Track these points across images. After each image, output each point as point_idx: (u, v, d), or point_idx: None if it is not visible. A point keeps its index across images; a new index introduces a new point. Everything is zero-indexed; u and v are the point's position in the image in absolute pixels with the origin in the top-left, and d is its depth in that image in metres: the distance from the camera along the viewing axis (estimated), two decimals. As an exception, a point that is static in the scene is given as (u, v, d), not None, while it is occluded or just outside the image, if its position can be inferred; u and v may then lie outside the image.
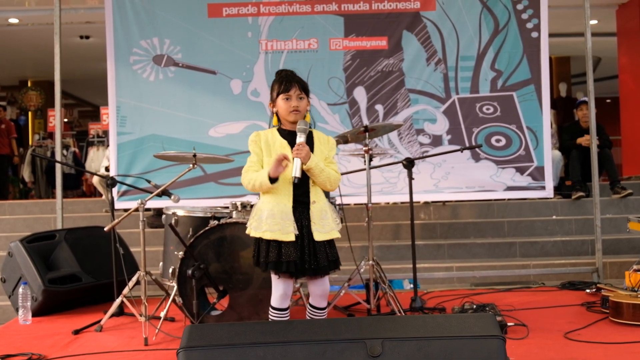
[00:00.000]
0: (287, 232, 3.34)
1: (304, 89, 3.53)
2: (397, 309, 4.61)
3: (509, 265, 6.78)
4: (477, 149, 5.97)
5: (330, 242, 3.45)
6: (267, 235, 3.35)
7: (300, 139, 3.36)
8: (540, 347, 3.86)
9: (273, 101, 3.54)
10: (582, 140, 8.20)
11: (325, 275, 3.48)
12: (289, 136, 3.45)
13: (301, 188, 3.39)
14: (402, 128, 5.98)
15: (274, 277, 3.46)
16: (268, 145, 3.45)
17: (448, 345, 2.49)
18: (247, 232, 3.47)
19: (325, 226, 3.42)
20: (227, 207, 4.71)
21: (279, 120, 3.54)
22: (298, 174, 3.30)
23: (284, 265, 3.34)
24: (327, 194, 4.44)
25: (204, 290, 4.49)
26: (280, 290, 3.45)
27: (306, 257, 3.36)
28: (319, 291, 3.52)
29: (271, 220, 3.37)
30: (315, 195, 3.45)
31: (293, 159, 3.32)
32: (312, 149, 3.42)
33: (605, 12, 10.93)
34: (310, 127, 3.49)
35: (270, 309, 3.52)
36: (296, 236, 3.35)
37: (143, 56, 6.03)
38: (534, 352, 3.77)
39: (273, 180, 3.32)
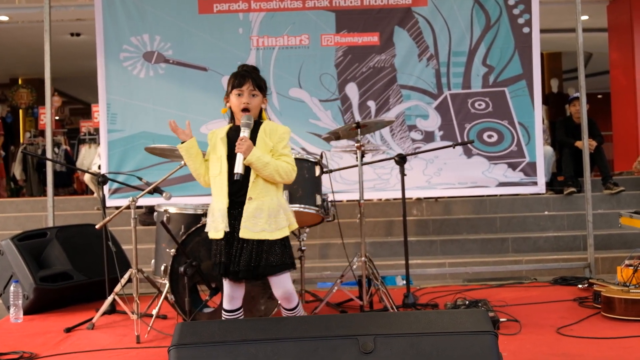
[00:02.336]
0: (218, 230, 3.30)
1: (259, 86, 3.40)
2: (389, 306, 4.61)
3: (502, 260, 6.79)
4: (469, 145, 5.96)
5: (262, 244, 3.26)
6: (208, 235, 3.37)
7: (244, 133, 3.27)
8: (533, 342, 3.86)
9: (227, 95, 3.45)
10: (579, 144, 8.15)
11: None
12: (236, 132, 3.34)
13: (238, 184, 3.28)
14: (394, 124, 5.97)
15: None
16: (216, 143, 3.42)
17: (440, 341, 2.48)
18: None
19: (256, 225, 3.25)
20: (219, 204, 4.69)
21: (232, 115, 3.47)
22: (240, 170, 3.22)
23: (217, 267, 3.35)
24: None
25: (196, 287, 4.48)
26: (224, 290, 3.46)
27: (232, 258, 3.29)
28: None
29: (210, 219, 3.36)
30: (254, 192, 3.29)
31: (236, 155, 3.25)
32: (255, 142, 3.31)
33: (596, 8, 10.94)
34: (262, 119, 3.42)
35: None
36: (226, 234, 3.28)
37: (133, 53, 6.01)
38: (526, 347, 3.77)
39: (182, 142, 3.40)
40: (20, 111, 15.46)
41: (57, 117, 14.72)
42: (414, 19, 6.07)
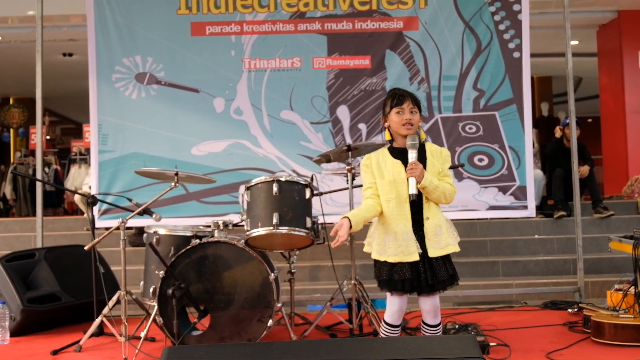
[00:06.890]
0: (411, 253, 3.35)
1: (417, 104, 3.52)
2: (379, 329, 4.58)
3: (492, 284, 6.77)
4: (460, 169, 5.97)
5: (447, 257, 3.43)
6: (391, 259, 3.39)
7: (412, 155, 3.35)
8: (522, 367, 3.86)
9: (385, 116, 3.55)
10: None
11: (440, 290, 3.48)
12: (401, 155, 3.44)
13: (415, 206, 3.38)
14: (385, 147, 5.97)
15: (387, 295, 3.49)
16: (380, 168, 3.46)
17: (429, 366, 2.47)
18: (365, 249, 3.56)
19: (440, 241, 3.39)
20: (209, 226, 4.68)
21: (391, 135, 3.55)
22: (414, 191, 3.31)
23: (398, 284, 3.38)
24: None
25: (185, 310, 4.45)
26: (395, 306, 3.49)
27: (422, 273, 3.36)
28: (429, 307, 3.51)
29: (394, 244, 3.39)
30: (429, 211, 3.42)
31: (408, 178, 3.33)
32: (424, 164, 3.41)
33: (586, 33, 11.05)
34: (421, 141, 3.49)
35: (383, 324, 3.55)
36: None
37: (125, 74, 6.02)
38: (516, 372, 3.76)
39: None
40: (12, 130, 15.43)
41: (48, 137, 14.68)
42: (405, 42, 6.11)
